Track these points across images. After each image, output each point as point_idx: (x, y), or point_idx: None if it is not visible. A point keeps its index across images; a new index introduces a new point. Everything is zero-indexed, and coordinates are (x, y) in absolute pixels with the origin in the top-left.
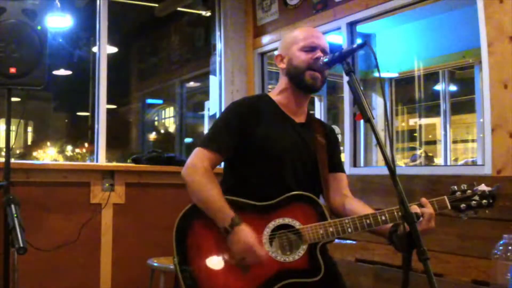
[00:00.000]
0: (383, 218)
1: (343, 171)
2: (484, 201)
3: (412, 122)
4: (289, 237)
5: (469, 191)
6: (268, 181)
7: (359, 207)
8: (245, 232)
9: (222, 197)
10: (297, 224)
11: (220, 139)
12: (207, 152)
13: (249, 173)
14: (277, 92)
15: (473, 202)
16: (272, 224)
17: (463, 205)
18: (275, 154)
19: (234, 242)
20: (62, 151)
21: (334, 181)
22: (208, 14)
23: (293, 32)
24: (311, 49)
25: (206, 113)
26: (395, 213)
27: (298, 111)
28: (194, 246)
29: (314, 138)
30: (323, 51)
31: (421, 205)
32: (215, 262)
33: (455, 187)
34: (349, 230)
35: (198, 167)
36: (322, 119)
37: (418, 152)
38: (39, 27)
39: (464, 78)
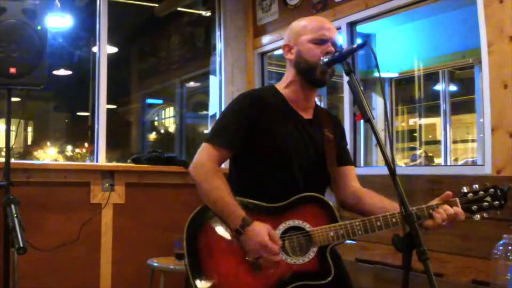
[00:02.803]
0: (394, 220)
1: (351, 163)
2: (496, 202)
3: (412, 122)
4: (299, 240)
5: (481, 192)
6: (275, 180)
7: (375, 202)
8: (257, 231)
9: (232, 198)
10: (307, 226)
11: (227, 134)
12: (215, 148)
13: (255, 172)
14: (284, 84)
15: (485, 203)
16: (282, 226)
17: (474, 207)
18: (284, 154)
19: (246, 243)
20: (62, 151)
21: (343, 175)
22: (208, 14)
23: (301, 21)
24: (321, 42)
25: (210, 113)
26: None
27: (306, 105)
28: (205, 247)
29: (322, 134)
30: (334, 44)
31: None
32: (226, 263)
33: (467, 188)
34: (359, 232)
35: (206, 165)
36: None
37: (418, 152)
38: (39, 27)
39: (464, 78)
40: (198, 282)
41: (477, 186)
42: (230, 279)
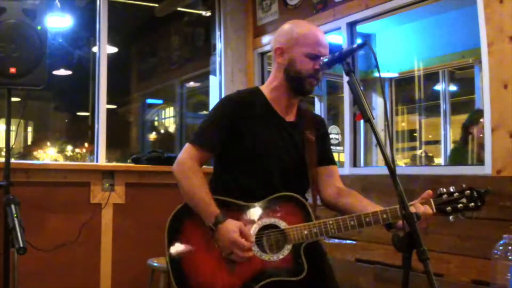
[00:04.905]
0: (367, 220)
1: (332, 163)
2: (472, 204)
3: (412, 122)
4: (274, 237)
5: (456, 193)
6: (255, 181)
7: (354, 202)
8: (228, 228)
9: (208, 195)
10: (282, 225)
11: (208, 135)
12: (195, 149)
13: (236, 173)
14: (270, 87)
15: (460, 205)
16: (258, 224)
17: (448, 208)
18: (262, 155)
19: (219, 239)
20: (62, 151)
21: (325, 175)
22: (208, 14)
23: (296, 26)
24: (316, 57)
25: None
26: (380, 216)
27: (289, 108)
28: (185, 244)
29: (304, 136)
30: None
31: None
32: (204, 259)
33: (443, 189)
34: (333, 231)
35: (186, 163)
36: None
37: (418, 152)
38: (39, 27)
39: (464, 78)
40: (177, 278)
41: (453, 188)
42: (207, 276)
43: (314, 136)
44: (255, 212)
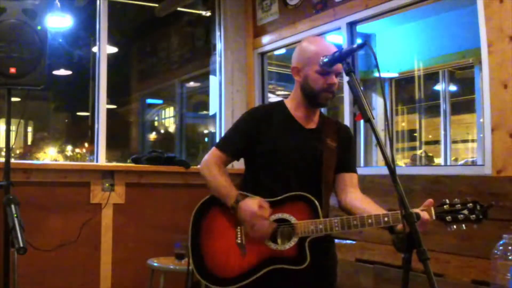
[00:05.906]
0: (369, 221)
1: (351, 170)
2: (473, 216)
3: (412, 122)
4: (284, 230)
5: (458, 205)
6: (273, 182)
7: (365, 207)
8: (248, 203)
9: (229, 182)
10: (292, 219)
11: (230, 142)
12: (219, 152)
13: (258, 175)
14: (291, 100)
15: (460, 215)
16: (271, 218)
17: (448, 217)
18: (278, 159)
19: (240, 215)
20: (62, 151)
21: (343, 181)
22: (208, 14)
23: (311, 44)
24: (327, 73)
25: (210, 113)
26: (381, 218)
27: (309, 117)
28: (205, 229)
29: (324, 142)
30: (337, 75)
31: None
32: (220, 244)
33: (446, 200)
34: (337, 228)
35: (209, 161)
36: None
37: (418, 152)
38: (39, 27)
39: (464, 78)
40: (195, 258)
41: (457, 199)
42: (221, 258)
43: (335, 143)
44: (270, 207)
